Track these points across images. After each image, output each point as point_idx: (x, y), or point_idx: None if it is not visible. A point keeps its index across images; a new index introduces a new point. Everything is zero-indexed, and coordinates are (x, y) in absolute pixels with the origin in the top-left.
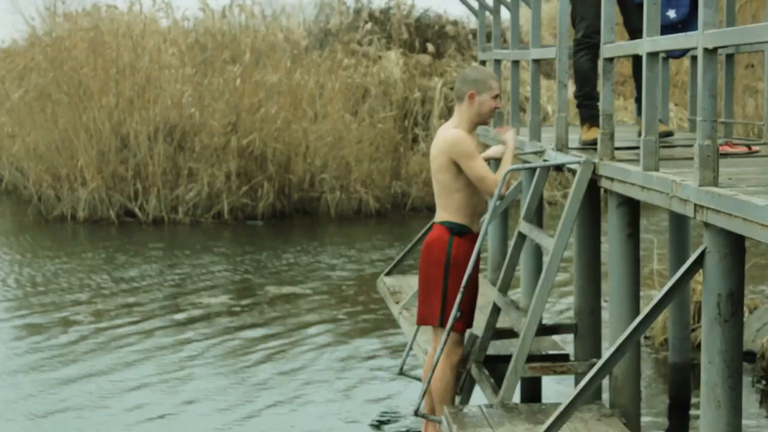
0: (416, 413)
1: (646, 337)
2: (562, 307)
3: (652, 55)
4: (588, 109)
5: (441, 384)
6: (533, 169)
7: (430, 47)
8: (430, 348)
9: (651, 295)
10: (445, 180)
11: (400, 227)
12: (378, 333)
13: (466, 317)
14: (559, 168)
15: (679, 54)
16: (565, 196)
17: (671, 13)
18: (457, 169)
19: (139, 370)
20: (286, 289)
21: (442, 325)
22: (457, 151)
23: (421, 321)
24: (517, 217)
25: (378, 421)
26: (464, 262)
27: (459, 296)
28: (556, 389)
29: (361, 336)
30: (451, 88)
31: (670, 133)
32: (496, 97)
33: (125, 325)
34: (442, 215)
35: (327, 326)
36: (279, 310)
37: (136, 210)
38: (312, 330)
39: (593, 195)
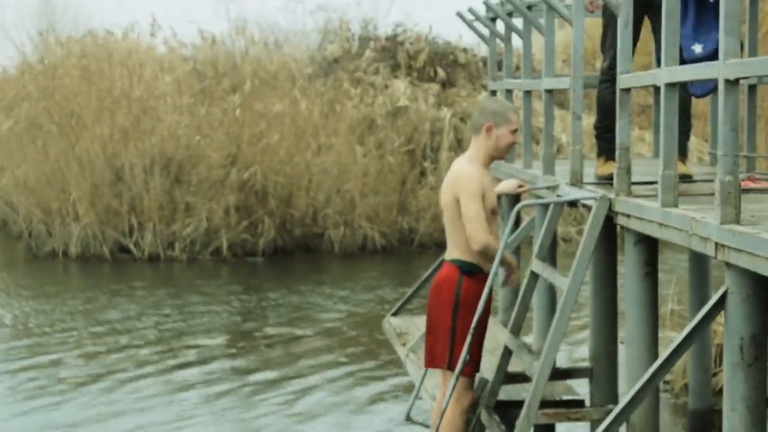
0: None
1: (665, 382)
2: (577, 349)
3: (671, 86)
4: (607, 142)
5: (450, 430)
6: (546, 205)
7: (441, 73)
8: (438, 393)
9: (670, 337)
10: (453, 216)
11: (408, 265)
12: (384, 376)
13: (476, 360)
14: (573, 204)
15: (702, 93)
16: (579, 233)
17: (697, 48)
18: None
19: (133, 418)
20: (288, 330)
21: (451, 367)
22: (459, 186)
23: (429, 363)
24: (529, 255)
25: None
26: (474, 302)
27: (468, 338)
28: None
29: (367, 380)
30: (461, 119)
31: (688, 176)
32: (515, 131)
33: (118, 368)
34: (452, 252)
35: (330, 370)
36: (280, 353)
37: (131, 246)
38: (315, 373)
39: (609, 232)
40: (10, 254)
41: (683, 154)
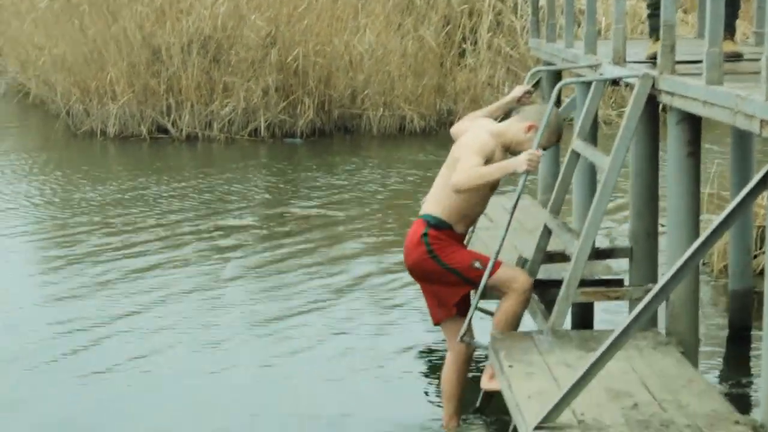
0: (462, 339)
1: (704, 263)
2: (617, 230)
3: None
4: (656, 19)
5: (514, 321)
6: (588, 84)
7: None
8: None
9: (710, 219)
10: (447, 174)
11: (445, 146)
12: None
13: (485, 259)
14: (615, 82)
15: None
16: (620, 116)
17: None
18: None
19: (165, 293)
20: (325, 212)
21: (475, 286)
22: (469, 146)
23: (444, 315)
24: (570, 136)
25: (427, 350)
26: (445, 239)
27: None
28: (609, 317)
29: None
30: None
31: (737, 54)
32: (541, 148)
33: (153, 247)
34: (426, 208)
35: (369, 251)
36: (317, 234)
37: (169, 126)
38: (352, 255)
39: (652, 111)
40: (48, 133)
41: (731, 32)
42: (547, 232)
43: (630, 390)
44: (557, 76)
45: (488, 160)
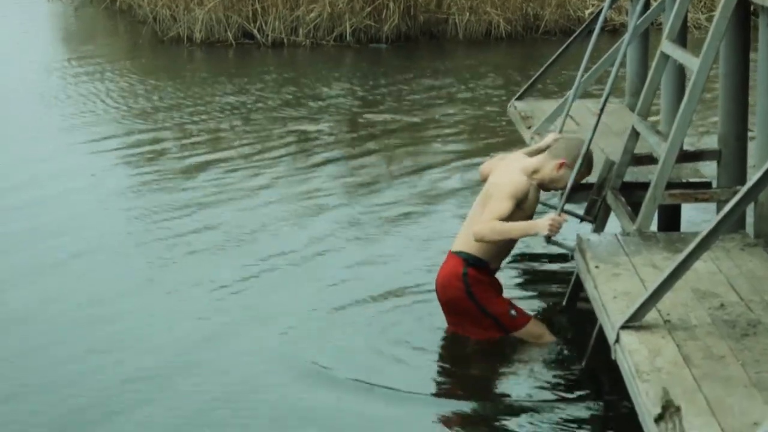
0: (548, 240)
1: None
2: (705, 136)
3: None
4: None
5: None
6: None
7: None
8: None
9: None
10: (479, 209)
11: (532, 51)
12: None
13: (520, 311)
14: None
15: None
16: (709, 20)
17: None
18: None
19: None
20: (411, 117)
21: (509, 332)
22: (501, 187)
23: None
24: (658, 40)
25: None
26: (484, 279)
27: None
28: (696, 219)
29: None
30: None
31: None
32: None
33: (235, 153)
34: (459, 243)
35: (456, 155)
36: (404, 139)
37: (255, 32)
38: (438, 159)
39: (743, 14)
40: (135, 38)
41: None
42: (634, 135)
43: (717, 291)
44: None
45: (521, 202)
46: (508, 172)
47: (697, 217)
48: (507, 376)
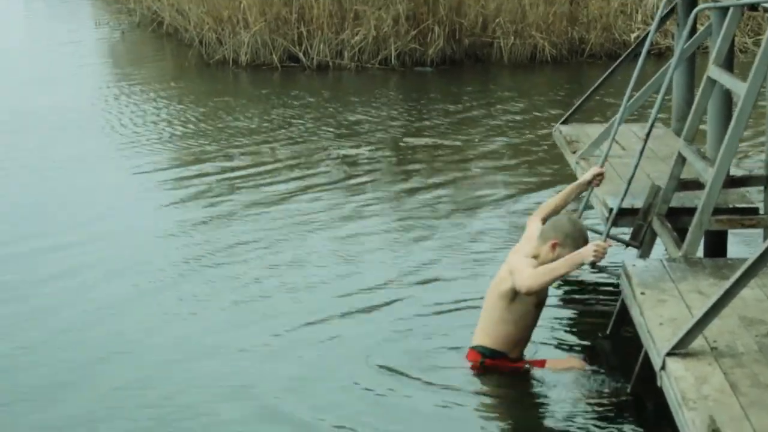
0: (594, 266)
1: None
2: (752, 159)
3: None
4: None
5: None
6: (725, 9)
7: None
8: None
9: None
10: (498, 306)
11: (577, 75)
12: (554, 185)
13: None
14: (753, 8)
15: None
16: (757, 44)
17: None
18: (514, 296)
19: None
20: (456, 139)
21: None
22: (513, 268)
23: None
24: (705, 64)
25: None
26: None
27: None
28: (743, 247)
29: (537, 189)
30: None
31: None
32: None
33: (280, 174)
34: (477, 337)
35: (499, 180)
36: (448, 160)
37: (300, 54)
38: (483, 183)
39: None
40: (182, 61)
41: None
42: (681, 160)
43: (764, 318)
44: (692, 2)
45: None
46: (519, 264)
47: (745, 243)
48: (550, 402)
